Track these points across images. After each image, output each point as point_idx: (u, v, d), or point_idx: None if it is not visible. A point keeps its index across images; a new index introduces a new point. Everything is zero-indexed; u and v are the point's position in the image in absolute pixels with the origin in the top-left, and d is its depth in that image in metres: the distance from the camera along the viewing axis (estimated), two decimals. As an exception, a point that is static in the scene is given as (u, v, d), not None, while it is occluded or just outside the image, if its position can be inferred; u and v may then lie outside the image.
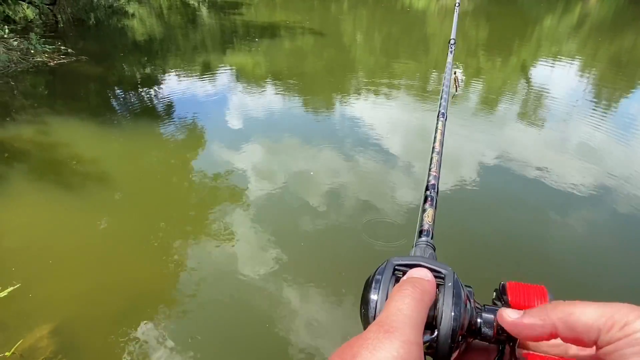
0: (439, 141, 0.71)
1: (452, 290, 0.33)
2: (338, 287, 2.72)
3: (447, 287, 0.33)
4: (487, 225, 3.46)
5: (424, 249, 0.46)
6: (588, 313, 0.27)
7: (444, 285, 0.34)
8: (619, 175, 4.21)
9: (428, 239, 0.48)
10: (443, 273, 0.35)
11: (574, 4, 22.79)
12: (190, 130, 4.96)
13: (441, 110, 0.82)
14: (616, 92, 7.18)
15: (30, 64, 6.55)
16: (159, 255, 2.94)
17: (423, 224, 0.51)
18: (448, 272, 0.35)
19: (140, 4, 14.00)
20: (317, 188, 3.78)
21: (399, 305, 0.29)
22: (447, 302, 0.32)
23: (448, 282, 0.34)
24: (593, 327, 0.27)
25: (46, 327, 2.31)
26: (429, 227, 0.51)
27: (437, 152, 0.66)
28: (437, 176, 0.60)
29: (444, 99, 0.88)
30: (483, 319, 0.34)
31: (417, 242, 0.48)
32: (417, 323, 0.28)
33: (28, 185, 3.66)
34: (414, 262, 0.36)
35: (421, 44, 11.22)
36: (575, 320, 0.28)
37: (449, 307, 0.32)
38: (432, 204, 0.55)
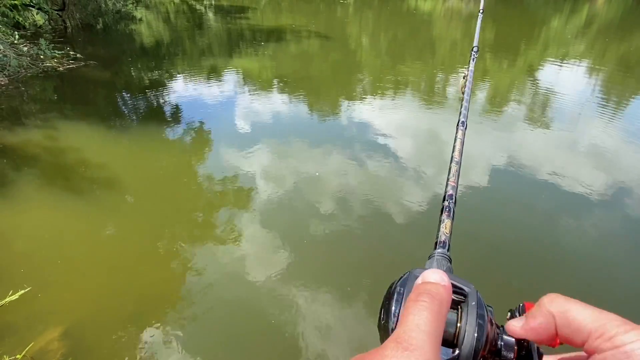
0: (458, 151, 0.68)
1: (476, 310, 0.32)
2: (345, 292, 2.71)
3: (470, 306, 0.32)
4: (497, 231, 3.44)
5: (440, 261, 0.45)
6: (584, 314, 0.28)
7: (467, 303, 0.33)
8: (632, 179, 4.17)
9: (444, 250, 0.47)
10: (466, 291, 0.34)
11: (581, 5, 22.65)
12: (198, 134, 4.99)
13: (461, 119, 0.79)
14: (626, 93, 7.12)
15: (39, 69, 6.62)
16: (168, 258, 2.96)
17: (440, 235, 0.49)
18: (471, 290, 0.34)
19: (147, 9, 14.13)
20: (323, 191, 3.79)
21: (417, 320, 0.27)
22: (470, 321, 0.31)
23: (471, 301, 0.33)
24: (585, 330, 0.28)
25: (57, 330, 2.33)
26: (445, 239, 0.49)
27: (456, 162, 0.64)
28: (455, 186, 0.59)
29: (465, 107, 0.84)
30: (504, 341, 0.33)
31: (433, 253, 0.46)
32: (436, 339, 0.27)
33: (37, 189, 3.70)
34: None
35: (427, 46, 11.20)
36: (572, 317, 0.28)
37: (472, 328, 0.31)
38: (450, 215, 0.53)
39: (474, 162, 4.32)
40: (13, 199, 3.52)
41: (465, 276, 0.35)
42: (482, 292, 0.35)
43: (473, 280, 0.35)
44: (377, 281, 2.77)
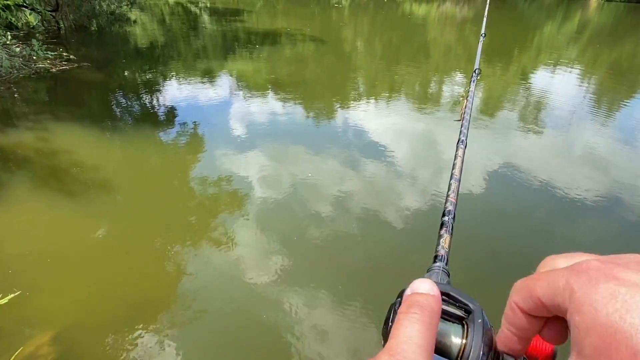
0: (458, 168, 0.70)
1: (482, 328, 0.32)
2: (340, 295, 2.70)
3: (477, 324, 0.32)
4: (493, 235, 3.45)
5: (439, 274, 0.45)
6: (541, 286, 0.27)
7: (473, 320, 0.33)
8: (627, 183, 4.21)
9: (443, 264, 0.47)
10: (471, 307, 0.34)
11: (574, 11, 22.91)
12: (191, 137, 4.97)
13: (461, 137, 0.81)
14: (617, 98, 7.19)
15: (32, 70, 6.57)
16: (160, 262, 2.93)
17: (439, 249, 0.50)
18: (476, 307, 0.34)
19: (142, 10, 14.08)
20: (317, 194, 3.78)
21: (409, 332, 0.27)
22: (476, 339, 0.31)
23: (477, 319, 0.33)
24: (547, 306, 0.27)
25: (46, 334, 2.30)
26: (444, 253, 0.50)
27: (455, 179, 0.66)
28: (454, 203, 0.60)
29: (465, 126, 0.87)
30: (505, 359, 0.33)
31: (432, 266, 0.47)
32: (428, 351, 0.27)
33: (29, 191, 3.66)
34: (443, 290, 0.35)
35: (422, 50, 11.26)
36: (536, 298, 0.27)
37: (478, 345, 0.31)
38: (449, 230, 0.54)
39: (469, 166, 4.33)
40: (3, 201, 3.47)
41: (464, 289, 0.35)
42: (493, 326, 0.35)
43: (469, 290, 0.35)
44: (373, 285, 2.77)
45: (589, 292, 0.23)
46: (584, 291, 0.23)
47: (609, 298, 0.21)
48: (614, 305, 0.21)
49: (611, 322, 0.21)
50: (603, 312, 0.21)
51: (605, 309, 0.21)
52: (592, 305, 0.22)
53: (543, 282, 0.27)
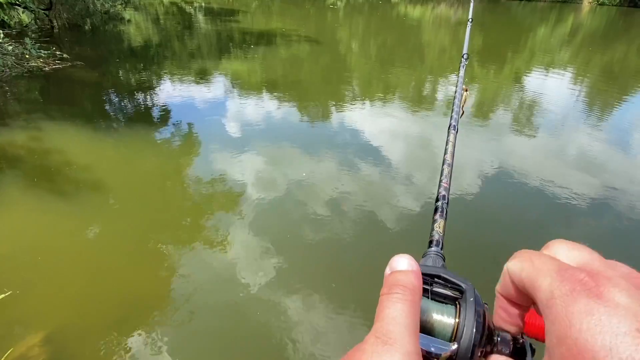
0: (450, 153, 0.71)
1: (474, 306, 0.32)
2: (332, 295, 2.71)
3: (468, 302, 0.33)
4: (488, 235, 3.47)
5: (434, 258, 0.46)
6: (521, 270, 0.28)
7: (465, 299, 0.33)
8: (619, 186, 4.25)
9: (438, 249, 0.48)
10: (463, 287, 0.34)
11: (567, 14, 23.10)
12: (185, 137, 4.95)
13: (452, 122, 0.83)
14: (609, 101, 7.27)
15: (25, 69, 6.52)
16: (153, 262, 2.92)
17: (433, 234, 0.51)
18: (468, 286, 0.34)
19: (136, 10, 14.02)
20: (311, 194, 3.78)
21: (393, 313, 0.28)
22: (469, 317, 0.32)
23: (469, 297, 0.33)
24: None
25: (38, 335, 2.28)
26: (439, 238, 0.50)
27: (448, 163, 0.67)
28: (447, 187, 0.61)
29: (455, 111, 0.88)
30: (500, 336, 0.34)
31: (427, 252, 0.48)
32: (413, 330, 0.27)
33: (20, 191, 3.63)
34: (434, 273, 0.36)
35: (417, 51, 11.31)
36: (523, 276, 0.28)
37: (471, 323, 0.31)
38: (443, 215, 0.55)
39: (463, 167, 4.36)
40: (-5, 201, 3.45)
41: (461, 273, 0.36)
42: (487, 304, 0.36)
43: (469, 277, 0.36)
44: (366, 281, 2.77)
45: (567, 304, 0.22)
46: (564, 301, 0.23)
47: (586, 315, 0.21)
48: (588, 322, 0.21)
49: (582, 339, 0.20)
50: (577, 327, 0.21)
51: (579, 324, 0.21)
52: (568, 318, 0.22)
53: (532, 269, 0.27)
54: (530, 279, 0.26)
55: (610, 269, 0.24)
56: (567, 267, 0.25)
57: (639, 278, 0.23)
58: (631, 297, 0.21)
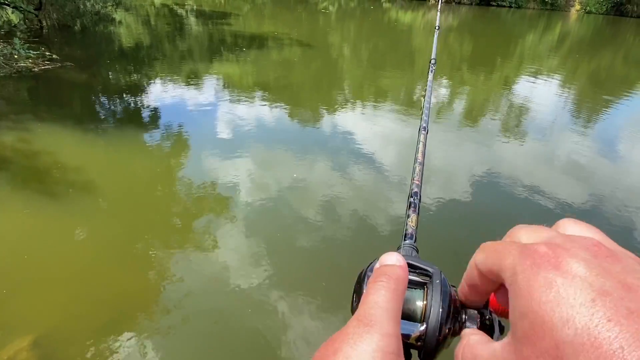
0: (421, 152, 0.74)
1: (440, 287, 0.34)
2: (323, 295, 2.72)
3: (434, 284, 0.35)
4: (470, 236, 3.51)
5: (408, 250, 0.48)
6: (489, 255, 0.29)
7: (432, 282, 0.35)
8: (605, 190, 4.33)
9: (412, 241, 0.51)
10: (430, 271, 0.36)
11: (555, 22, 23.47)
12: (176, 139, 4.94)
13: (422, 124, 0.86)
14: (597, 107, 7.40)
15: (13, 69, 6.45)
16: (144, 265, 2.90)
17: (407, 228, 0.53)
18: (435, 270, 0.36)
19: (127, 11, 13.94)
20: (302, 196, 3.79)
21: (375, 298, 0.29)
22: (435, 298, 0.34)
23: (435, 280, 0.35)
24: None
25: (26, 339, 2.25)
26: (412, 231, 0.53)
27: (419, 162, 0.70)
28: (419, 185, 0.64)
29: (425, 114, 0.92)
30: (467, 314, 0.35)
31: (403, 244, 0.50)
32: (394, 314, 0.29)
33: (8, 193, 3.58)
34: None
35: (407, 57, 11.41)
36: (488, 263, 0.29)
37: (437, 303, 0.33)
38: (415, 210, 0.58)
39: (449, 171, 4.41)
40: (-18, 203, 3.40)
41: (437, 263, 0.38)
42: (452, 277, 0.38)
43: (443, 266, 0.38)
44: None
45: (529, 278, 0.23)
46: (525, 276, 0.23)
47: (545, 287, 0.22)
48: (547, 295, 0.21)
49: (542, 311, 0.21)
50: (537, 300, 0.22)
51: (539, 297, 0.22)
52: (529, 292, 0.22)
53: (496, 254, 0.28)
54: (495, 264, 0.27)
55: (570, 241, 0.25)
56: (528, 244, 0.26)
57: (600, 247, 0.24)
58: (588, 268, 0.22)
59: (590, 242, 0.25)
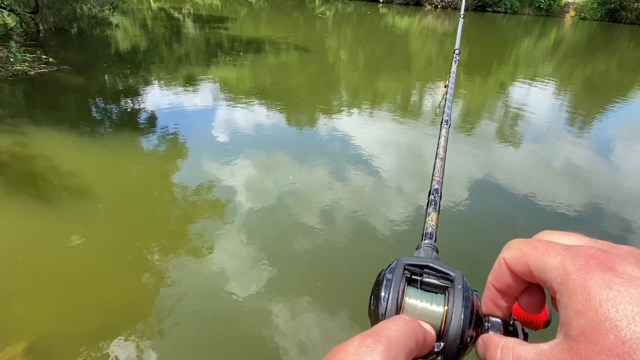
0: (442, 147, 0.71)
1: (462, 292, 0.33)
2: (319, 298, 2.71)
3: (456, 289, 0.34)
4: (477, 242, 3.52)
5: (428, 251, 0.47)
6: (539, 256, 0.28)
7: (454, 287, 0.34)
8: (605, 194, 4.36)
9: (432, 241, 0.49)
10: (452, 275, 0.35)
11: (550, 27, 23.64)
12: (172, 143, 4.93)
13: (445, 117, 0.83)
14: (592, 112, 7.45)
15: (9, 72, 6.42)
16: (139, 270, 2.89)
17: (427, 227, 0.52)
18: (457, 274, 0.35)
19: (124, 14, 13.94)
20: (298, 200, 3.79)
21: (390, 324, 0.29)
22: (456, 303, 0.33)
23: (457, 285, 0.34)
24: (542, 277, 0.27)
25: (20, 344, 2.23)
26: (432, 230, 0.51)
27: (440, 158, 0.68)
28: (440, 181, 0.62)
29: (447, 106, 0.89)
30: (490, 322, 0.34)
31: (421, 244, 0.48)
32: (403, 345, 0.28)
33: (3, 197, 3.56)
34: (423, 263, 0.37)
35: (404, 61, 11.45)
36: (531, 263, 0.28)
37: (459, 309, 0.32)
38: (436, 208, 0.56)
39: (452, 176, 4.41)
40: (-24, 207, 3.38)
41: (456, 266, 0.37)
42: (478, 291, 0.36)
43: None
44: (352, 281, 2.78)
45: (584, 278, 0.23)
46: (579, 276, 0.23)
47: (604, 286, 0.22)
48: (607, 294, 0.22)
49: (603, 309, 0.21)
50: (596, 299, 0.22)
51: (598, 296, 0.22)
52: (586, 291, 0.23)
53: (537, 252, 0.27)
54: (536, 261, 0.27)
55: (614, 247, 0.26)
56: (574, 246, 0.26)
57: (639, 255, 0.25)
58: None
59: (629, 248, 0.25)
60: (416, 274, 0.36)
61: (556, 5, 29.65)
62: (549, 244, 0.27)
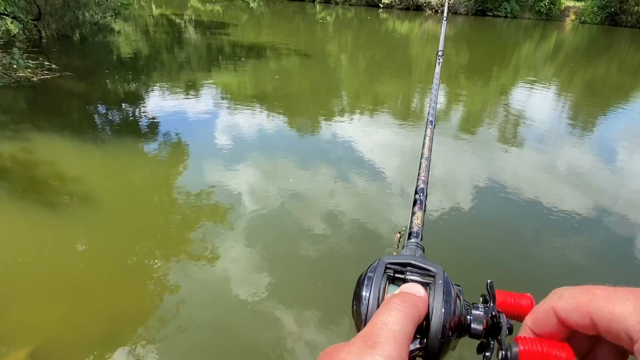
0: (427, 147, 0.72)
1: (443, 287, 0.34)
2: (320, 298, 2.70)
3: (437, 285, 0.34)
4: (477, 244, 3.51)
5: (414, 249, 0.47)
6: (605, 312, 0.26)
7: (434, 282, 0.35)
8: (610, 196, 4.34)
9: (418, 240, 0.49)
10: (433, 271, 0.36)
11: (550, 31, 23.68)
12: (174, 149, 4.94)
13: (429, 118, 0.83)
14: (593, 115, 7.45)
15: (12, 79, 6.46)
16: (141, 276, 2.89)
17: (412, 226, 0.52)
18: (438, 270, 0.36)
19: (126, 21, 14.02)
20: (300, 205, 3.79)
21: (385, 318, 0.28)
22: (437, 298, 0.33)
23: (438, 280, 0.34)
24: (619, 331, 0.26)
25: (22, 351, 2.23)
26: (418, 229, 0.51)
27: (425, 157, 0.68)
28: (425, 180, 0.62)
29: (432, 107, 0.89)
30: (473, 315, 0.35)
31: (407, 243, 0.48)
32: (402, 337, 0.27)
33: (6, 203, 3.57)
34: (404, 261, 0.37)
35: (404, 65, 11.48)
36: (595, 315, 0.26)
37: (440, 304, 0.32)
38: (421, 207, 0.56)
39: (441, 182, 4.42)
40: (-21, 213, 3.38)
41: None
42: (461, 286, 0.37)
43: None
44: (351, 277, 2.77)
45: None
46: None
47: None
48: None
49: None
50: None
51: None
52: None
53: (600, 300, 0.26)
54: (601, 310, 0.26)
55: None
56: (631, 288, 0.25)
57: None
58: None
59: None
60: (398, 272, 0.36)
61: (556, 9, 29.72)
62: (609, 290, 0.26)
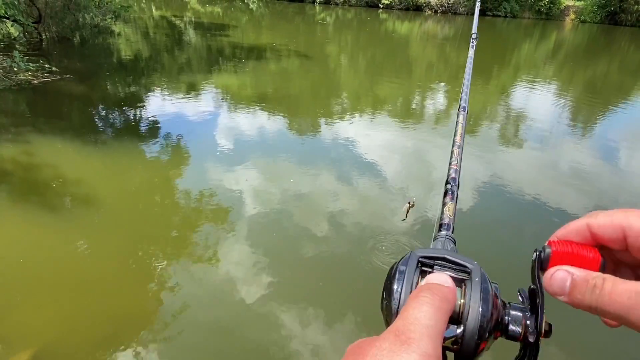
0: (459, 134, 0.69)
1: (480, 285, 0.32)
2: (321, 297, 2.70)
3: (474, 282, 0.32)
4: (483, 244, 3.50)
5: (444, 242, 0.45)
6: None
7: (471, 280, 0.33)
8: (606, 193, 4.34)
9: (448, 232, 0.47)
10: (469, 268, 0.33)
11: (550, 31, 23.69)
12: (175, 151, 4.94)
13: (462, 104, 0.80)
14: (594, 114, 7.45)
15: (13, 82, 6.46)
16: (143, 278, 2.88)
17: (443, 218, 0.50)
18: (474, 266, 0.34)
19: (126, 23, 14.04)
20: (300, 206, 3.79)
21: (417, 313, 0.27)
22: (474, 297, 0.31)
23: (475, 277, 0.32)
24: None
25: (26, 353, 2.23)
26: (449, 221, 0.49)
27: (457, 145, 0.65)
28: (457, 169, 0.59)
29: (465, 92, 0.86)
30: (511, 316, 0.33)
31: (437, 235, 0.46)
32: (436, 333, 0.26)
33: (8, 206, 3.57)
34: (438, 255, 0.35)
35: (404, 66, 11.48)
36: None
37: (477, 302, 0.31)
38: (453, 198, 0.53)
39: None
40: (-19, 216, 3.39)
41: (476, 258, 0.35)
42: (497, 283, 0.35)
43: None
44: (356, 284, 2.77)
45: None
46: None
47: None
48: None
49: None
50: None
51: None
52: None
53: (634, 217, 0.29)
54: (634, 225, 0.29)
55: None
56: None
57: None
58: None
59: None
60: (431, 266, 0.34)
61: (556, 8, 29.72)
62: None
